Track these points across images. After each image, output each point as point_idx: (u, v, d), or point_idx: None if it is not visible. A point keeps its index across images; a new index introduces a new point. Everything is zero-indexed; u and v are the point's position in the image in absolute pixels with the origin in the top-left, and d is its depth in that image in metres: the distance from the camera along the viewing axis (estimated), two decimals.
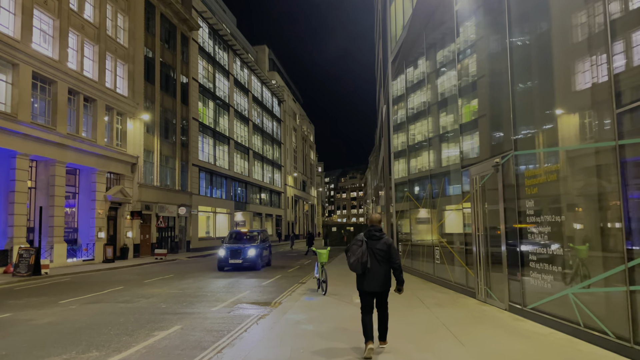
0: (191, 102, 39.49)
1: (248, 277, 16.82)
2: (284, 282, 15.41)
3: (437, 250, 12.54)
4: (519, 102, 8.02)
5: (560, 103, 7.02)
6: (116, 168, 28.64)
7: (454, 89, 11.43)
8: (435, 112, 13.45)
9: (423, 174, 14.53)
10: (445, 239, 12.07)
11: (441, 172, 12.83)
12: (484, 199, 9.44)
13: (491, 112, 9.56)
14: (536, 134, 7.64)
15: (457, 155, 11.34)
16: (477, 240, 9.65)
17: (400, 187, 17.68)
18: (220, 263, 19.65)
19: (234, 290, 13.32)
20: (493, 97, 9.48)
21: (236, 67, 52.22)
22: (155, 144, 33.44)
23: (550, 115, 7.27)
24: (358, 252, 5.92)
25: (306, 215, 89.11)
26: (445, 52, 12.46)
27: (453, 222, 11.78)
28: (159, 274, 18.75)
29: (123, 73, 30.45)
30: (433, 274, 12.93)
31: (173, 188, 35.99)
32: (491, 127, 9.56)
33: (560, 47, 7.04)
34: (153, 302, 11.16)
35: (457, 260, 11.11)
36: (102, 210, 27.17)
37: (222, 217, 46.57)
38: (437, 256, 12.54)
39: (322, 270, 11.39)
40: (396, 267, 6.02)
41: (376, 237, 6.03)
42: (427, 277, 13.55)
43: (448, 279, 11.73)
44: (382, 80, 27.49)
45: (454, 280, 11.36)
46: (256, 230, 22.73)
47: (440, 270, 12.36)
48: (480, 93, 10.16)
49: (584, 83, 6.40)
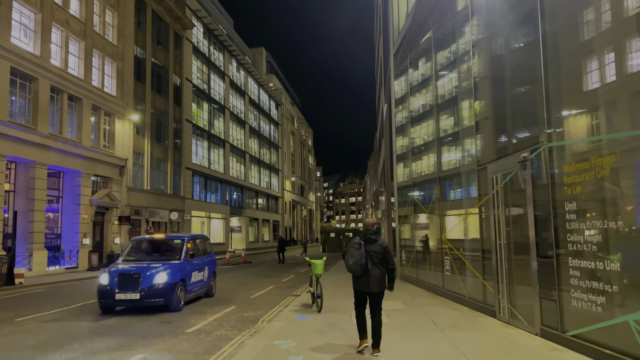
0: (184, 104, 38.14)
1: (240, 283, 15.34)
2: (276, 293, 13.96)
3: (446, 259, 11.13)
4: (554, 85, 6.64)
5: (612, 83, 5.66)
6: (103, 171, 27.21)
7: (468, 82, 10.05)
8: (445, 108, 12.08)
9: (430, 176, 13.14)
10: (457, 247, 10.66)
11: (451, 174, 11.45)
12: (506, 201, 8.05)
13: (515, 102, 8.18)
14: (578, 119, 6.25)
15: (470, 155, 9.97)
16: (498, 249, 8.24)
17: (403, 191, 16.29)
18: (103, 299, 10.66)
19: (219, 303, 11.87)
20: (518, 82, 8.11)
21: (232, 69, 50.92)
22: (145, 146, 32.02)
23: (598, 95, 5.90)
24: (357, 254, 6.19)
25: (304, 220, 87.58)
26: (456, 40, 11.11)
27: (466, 228, 10.38)
28: None
29: (111, 71, 29.09)
30: (442, 287, 11.51)
31: (165, 192, 34.54)
32: (514, 119, 8.18)
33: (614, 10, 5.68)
34: (122, 321, 9.71)
35: (472, 272, 9.69)
36: (88, 215, 25.71)
37: (217, 223, 45.10)
38: (447, 266, 11.12)
39: (316, 283, 9.98)
40: (392, 268, 6.40)
41: (372, 240, 6.34)
42: (435, 290, 12.12)
43: (461, 294, 10.31)
44: (383, 78, 26.16)
45: (467, 295, 9.93)
46: (181, 237, 12.70)
47: (451, 283, 10.94)
48: (497, 84, 8.78)
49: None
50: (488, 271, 8.83)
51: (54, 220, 25.06)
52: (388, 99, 21.10)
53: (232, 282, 17.60)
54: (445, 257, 11.23)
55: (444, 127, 12.18)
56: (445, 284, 11.34)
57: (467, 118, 10.36)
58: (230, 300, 12.60)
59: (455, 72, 11.31)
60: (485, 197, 8.87)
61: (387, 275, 6.40)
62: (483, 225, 9.11)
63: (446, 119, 12.07)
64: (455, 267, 10.64)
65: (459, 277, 10.44)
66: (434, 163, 12.81)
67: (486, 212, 8.89)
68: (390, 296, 11.78)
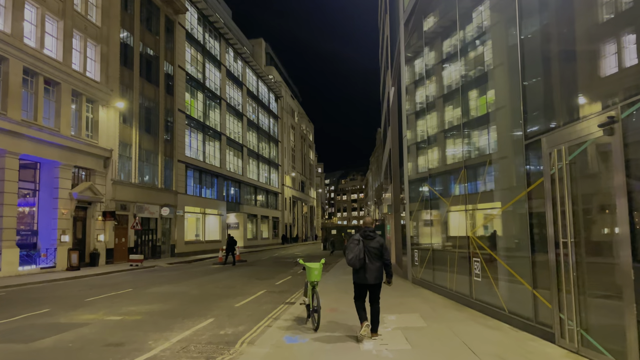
0: (177, 92, 35.89)
1: (228, 286, 13.19)
2: (266, 301, 11.76)
3: (476, 262, 8.90)
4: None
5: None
6: (85, 162, 25.02)
7: (508, 39, 7.81)
8: (474, 86, 9.86)
9: (452, 166, 10.94)
10: (489, 246, 8.44)
11: (481, 162, 9.24)
12: (574, 184, 5.83)
13: (592, 46, 5.95)
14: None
15: (508, 136, 7.76)
16: (561, 250, 6.02)
17: (416, 184, 14.09)
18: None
19: (194, 314, 9.69)
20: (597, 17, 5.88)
21: (229, 58, 48.64)
22: (133, 137, 29.81)
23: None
24: (356, 249, 6.75)
25: (305, 217, 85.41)
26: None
27: (505, 223, 8.17)
28: (118, 287, 15.12)
29: (95, 55, 26.87)
30: (470, 295, 9.29)
31: (155, 186, 32.34)
32: (591, 69, 5.96)
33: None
34: (63, 342, 7.51)
35: (515, 279, 7.48)
36: (67, 210, 23.54)
37: (212, 219, 42.91)
38: (476, 270, 8.90)
39: (312, 293, 7.77)
40: (387, 263, 6.92)
41: (370, 237, 6.88)
42: (459, 299, 9.90)
43: (497, 306, 8.08)
44: (389, 60, 23.90)
45: (508, 308, 7.71)
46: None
47: (483, 291, 8.71)
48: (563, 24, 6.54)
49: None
50: (542, 279, 6.63)
51: (30, 215, 22.89)
52: (397, 80, 18.86)
53: (218, 285, 15.41)
54: (474, 259, 9.00)
55: (471, 107, 9.97)
56: (474, 292, 9.12)
57: (506, 89, 8.14)
58: (210, 309, 10.41)
59: (487, 34, 9.07)
60: (538, 180, 6.65)
61: (385, 270, 6.96)
62: (533, 219, 6.88)
63: (475, 99, 9.85)
64: (488, 272, 8.42)
65: (494, 285, 8.22)
66: (456, 151, 10.60)
67: (538, 201, 6.68)
68: (405, 307, 9.57)
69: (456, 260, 10.14)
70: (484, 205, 9.04)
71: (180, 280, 17.25)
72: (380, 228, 39.73)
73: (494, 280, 8.22)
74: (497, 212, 8.35)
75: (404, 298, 10.94)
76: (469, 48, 10.13)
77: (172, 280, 17.58)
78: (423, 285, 12.88)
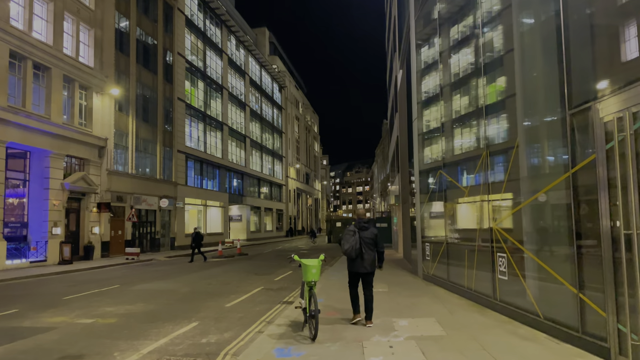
0: (176, 81, 34.66)
1: (223, 282, 12.04)
2: (262, 300, 10.57)
3: (501, 258, 7.64)
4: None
5: None
6: (78, 151, 23.92)
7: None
8: (497, 62, 8.56)
9: (470, 153, 9.67)
10: (518, 239, 7.18)
11: (508, 146, 7.96)
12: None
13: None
14: None
15: (541, 113, 6.48)
16: (618, 244, 4.76)
17: (429, 173, 12.82)
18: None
19: (177, 317, 8.53)
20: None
21: (231, 46, 47.29)
22: (130, 125, 28.66)
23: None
24: (352, 240, 7.08)
25: (310, 209, 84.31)
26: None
27: (536, 211, 6.90)
28: (105, 283, 14.01)
29: (88, 40, 25.66)
30: (493, 296, 8.03)
31: (153, 177, 31.23)
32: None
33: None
34: (11, 354, 6.35)
35: (550, 278, 6.23)
36: (59, 201, 22.48)
37: (214, 211, 41.82)
38: (501, 267, 7.64)
39: (309, 296, 6.56)
40: (381, 252, 7.38)
41: (365, 227, 7.25)
42: (479, 300, 8.65)
43: (529, 310, 6.83)
44: (397, 41, 22.51)
45: (543, 313, 6.46)
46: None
47: (510, 292, 7.46)
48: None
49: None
50: (590, 279, 5.37)
51: (20, 206, 21.83)
52: (405, 61, 17.53)
53: (213, 281, 14.25)
54: (498, 254, 7.74)
55: (497, 85, 8.67)
56: (498, 293, 7.86)
57: (539, 56, 6.84)
58: (197, 310, 9.23)
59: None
60: (588, 158, 5.37)
61: (377, 257, 7.37)
62: (580, 206, 5.60)
63: (500, 75, 8.55)
64: (517, 269, 7.16)
65: (525, 285, 6.97)
66: (476, 135, 9.32)
67: (586, 183, 5.41)
68: (418, 309, 8.34)
69: (476, 255, 8.88)
70: (509, 195, 7.76)
71: (174, 276, 16.14)
72: (387, 220, 38.39)
73: (524, 279, 6.97)
74: (529, 200, 7.07)
75: (415, 298, 9.72)
76: (492, 15, 8.81)
77: (166, 275, 16.47)
78: (435, 282, 11.64)
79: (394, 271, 15.66)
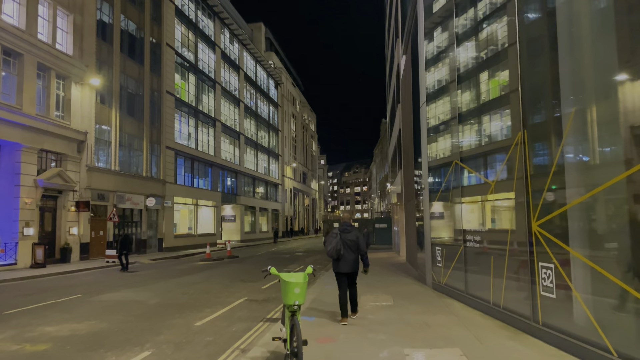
0: (165, 73, 32.81)
1: (202, 291, 10.21)
2: (242, 315, 8.76)
3: (545, 268, 5.86)
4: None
5: None
6: (54, 145, 22.06)
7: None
8: (536, 31, 6.79)
9: (495, 145, 7.89)
10: (571, 244, 5.39)
11: (556, 128, 6.18)
12: None
13: None
14: None
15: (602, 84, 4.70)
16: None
17: (439, 168, 11.05)
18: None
19: (128, 341, 6.72)
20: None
21: (224, 39, 45.45)
22: (113, 119, 26.81)
23: None
24: (334, 242, 7.44)
25: (307, 210, 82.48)
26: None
27: (600, 208, 5.12)
28: (67, 292, 12.18)
29: (66, 26, 23.81)
30: (532, 318, 6.23)
31: (139, 174, 29.38)
32: None
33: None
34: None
35: (628, 297, 4.45)
36: (31, 199, 20.63)
37: (206, 211, 39.96)
38: (546, 280, 5.86)
39: (290, 325, 4.73)
40: (363, 254, 7.61)
41: (348, 230, 7.56)
42: (511, 320, 6.85)
43: (593, 342, 5.04)
44: (400, 24, 20.75)
45: (616, 348, 4.67)
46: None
47: (559, 313, 5.67)
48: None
49: None
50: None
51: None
52: (411, 39, 15.76)
53: (190, 289, 12.43)
54: (541, 263, 5.95)
55: (535, 62, 6.90)
56: (540, 314, 6.06)
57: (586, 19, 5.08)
58: (157, 331, 7.41)
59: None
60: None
61: (362, 260, 7.68)
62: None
63: (538, 46, 6.78)
64: (571, 284, 5.37)
65: (585, 307, 5.17)
66: (504, 122, 7.54)
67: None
68: (434, 333, 6.45)
69: (506, 263, 7.09)
70: (559, 187, 5.96)
71: (150, 282, 14.32)
72: (386, 221, 36.56)
73: (583, 299, 5.18)
74: (595, 190, 5.27)
75: (428, 315, 7.92)
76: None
77: (141, 281, 14.64)
78: (449, 293, 9.85)
79: (397, 278, 13.87)
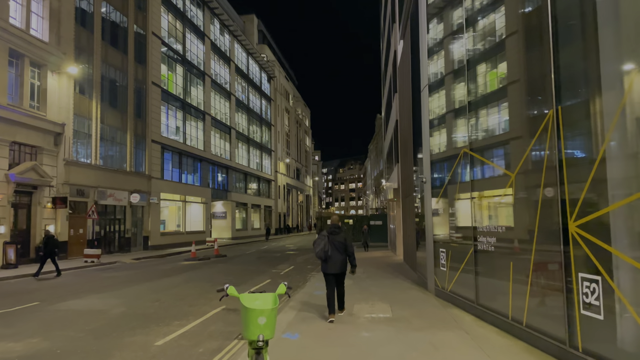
0: (151, 63, 31.32)
1: (177, 297, 8.92)
2: (214, 330, 7.48)
3: (587, 280, 4.62)
4: None
5: None
6: (28, 138, 20.63)
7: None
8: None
9: (509, 134, 6.63)
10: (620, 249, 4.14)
11: (584, 112, 4.92)
12: None
13: None
14: None
15: None
16: None
17: (443, 161, 9.80)
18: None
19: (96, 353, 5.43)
20: None
21: (214, 30, 43.94)
22: (93, 110, 25.34)
23: None
24: (322, 243, 7.68)
25: (300, 206, 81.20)
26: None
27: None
28: (27, 298, 10.84)
29: (42, 11, 22.31)
30: (568, 342, 4.99)
31: (122, 169, 27.95)
32: None
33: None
34: None
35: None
36: (2, 195, 19.20)
37: (196, 208, 38.57)
38: (588, 296, 4.62)
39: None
40: (350, 255, 7.84)
41: (336, 232, 7.81)
42: (538, 343, 5.61)
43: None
44: (396, 8, 19.44)
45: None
46: None
47: (605, 337, 4.44)
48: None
49: None
50: None
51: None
52: (407, 22, 14.47)
53: (164, 295, 11.12)
54: (581, 274, 4.71)
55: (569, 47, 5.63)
56: (579, 338, 4.83)
57: None
58: (106, 354, 6.11)
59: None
60: None
61: (349, 262, 7.91)
62: None
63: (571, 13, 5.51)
64: (627, 303, 4.13)
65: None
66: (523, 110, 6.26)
67: None
68: (443, 357, 5.27)
69: (530, 270, 5.85)
70: (606, 178, 4.72)
71: (123, 286, 12.99)
72: (382, 218, 35.29)
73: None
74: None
75: (434, 332, 6.67)
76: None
77: (112, 285, 13.30)
78: (456, 302, 8.61)
79: (394, 281, 12.62)
